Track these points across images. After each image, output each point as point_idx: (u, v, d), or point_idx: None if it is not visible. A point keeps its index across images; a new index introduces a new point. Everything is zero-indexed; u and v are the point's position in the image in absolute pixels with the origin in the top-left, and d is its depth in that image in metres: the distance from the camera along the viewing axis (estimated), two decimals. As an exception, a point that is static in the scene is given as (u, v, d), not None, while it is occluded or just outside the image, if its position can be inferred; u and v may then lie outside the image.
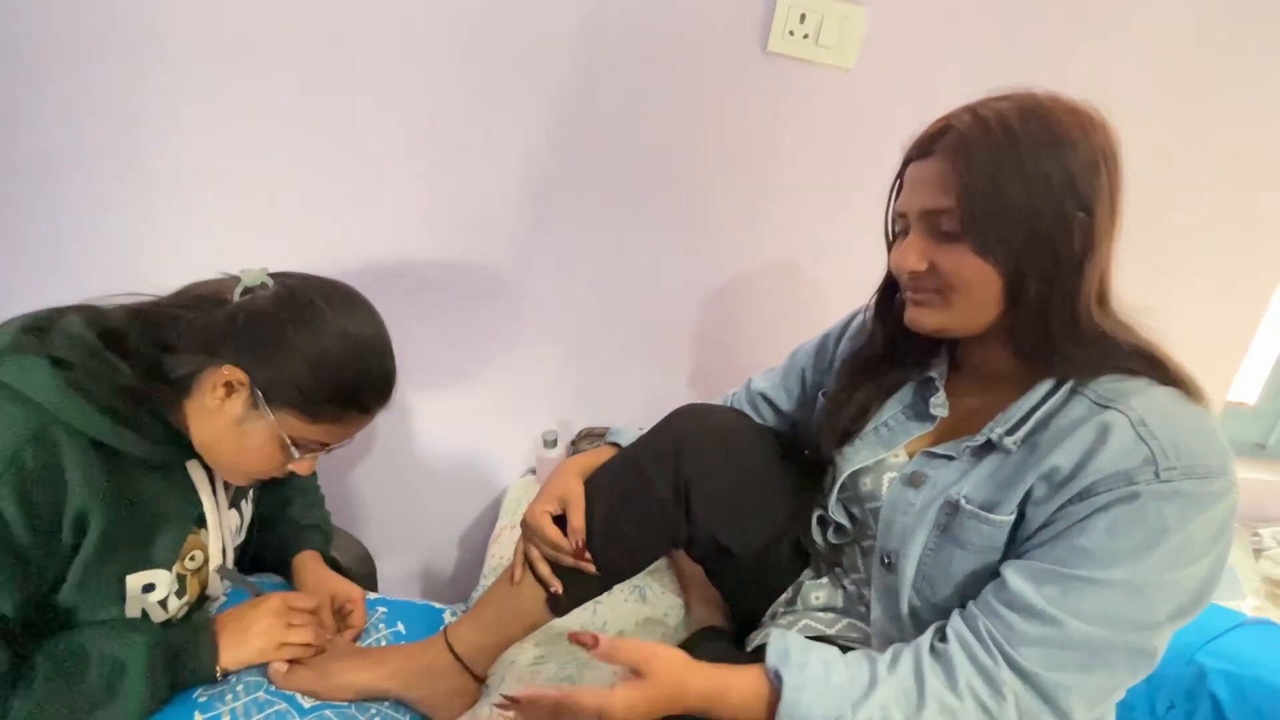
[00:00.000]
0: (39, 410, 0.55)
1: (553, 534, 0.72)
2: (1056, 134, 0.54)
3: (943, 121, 0.58)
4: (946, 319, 0.60)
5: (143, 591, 0.64)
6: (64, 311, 0.62)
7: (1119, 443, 0.53)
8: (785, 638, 0.59)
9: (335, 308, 0.64)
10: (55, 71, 0.96)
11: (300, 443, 0.65)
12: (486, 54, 0.98)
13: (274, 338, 0.61)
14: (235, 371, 0.60)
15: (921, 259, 0.58)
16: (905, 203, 0.61)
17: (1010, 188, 0.53)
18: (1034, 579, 0.54)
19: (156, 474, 0.64)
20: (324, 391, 0.63)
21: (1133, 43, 0.98)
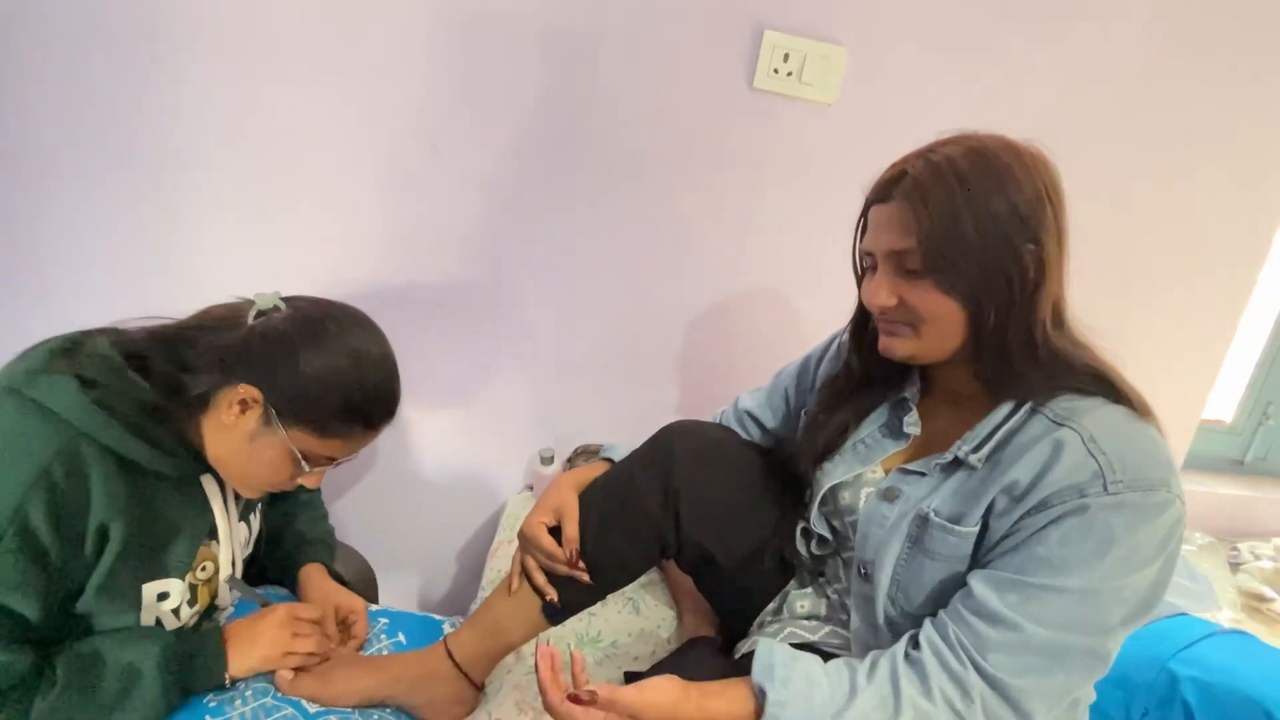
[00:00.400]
0: (67, 426, 0.59)
1: (548, 544, 0.75)
2: (1001, 174, 0.58)
3: (899, 167, 0.63)
4: (917, 348, 0.64)
5: (157, 600, 0.67)
6: (91, 334, 0.66)
7: (1071, 458, 0.57)
8: (771, 651, 0.62)
9: (344, 329, 0.68)
10: (61, 97, 1.01)
11: (310, 457, 0.68)
12: (487, 85, 1.04)
13: (286, 358, 0.65)
14: (250, 390, 0.64)
15: (891, 295, 0.63)
16: (871, 243, 0.65)
17: (964, 227, 0.58)
18: (997, 587, 0.58)
19: (173, 487, 0.67)
20: (334, 409, 0.66)
21: (1097, 76, 1.04)
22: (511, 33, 1.02)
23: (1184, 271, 1.18)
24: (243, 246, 1.10)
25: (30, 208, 1.07)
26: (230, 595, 0.78)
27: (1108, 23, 1.02)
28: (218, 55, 1.01)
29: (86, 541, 0.60)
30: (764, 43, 1.01)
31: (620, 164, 1.09)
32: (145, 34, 0.99)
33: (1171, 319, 1.20)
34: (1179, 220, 1.14)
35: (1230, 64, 1.05)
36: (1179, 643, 0.90)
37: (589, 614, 0.98)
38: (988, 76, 1.04)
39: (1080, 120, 1.07)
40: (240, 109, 1.03)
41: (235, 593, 0.79)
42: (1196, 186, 1.12)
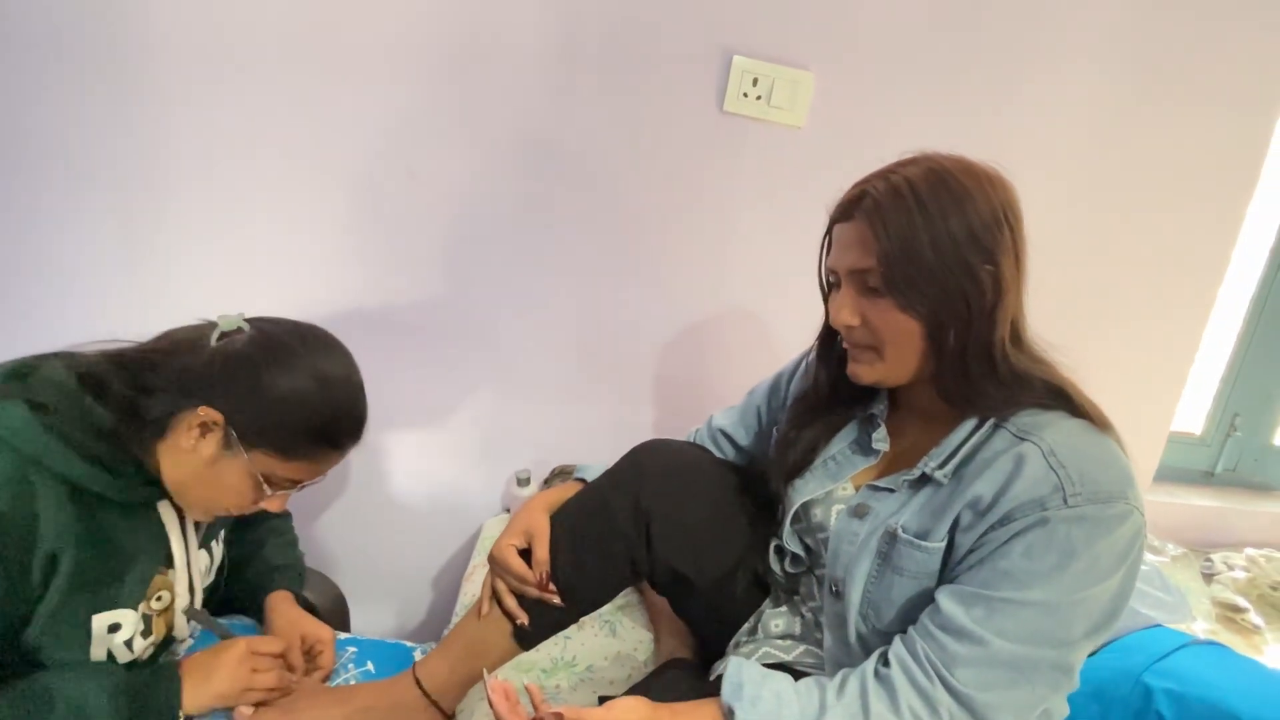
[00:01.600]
0: (16, 453, 0.57)
1: (518, 567, 0.74)
2: (959, 195, 0.59)
3: (860, 188, 0.64)
4: (884, 372, 0.65)
5: (108, 631, 0.65)
6: (45, 358, 0.64)
7: (1031, 472, 0.57)
8: (741, 670, 0.61)
9: (309, 349, 0.67)
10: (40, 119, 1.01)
11: (273, 480, 0.67)
12: (464, 109, 1.05)
13: (249, 379, 0.63)
14: (210, 412, 0.63)
15: (854, 314, 0.64)
16: (835, 261, 0.67)
17: (921, 248, 0.59)
18: (963, 602, 0.58)
19: (126, 514, 0.66)
20: (298, 430, 0.65)
21: (1060, 94, 1.08)
22: (485, 57, 1.03)
23: (1147, 286, 1.21)
24: (213, 268, 1.09)
25: None
26: (189, 626, 0.76)
27: (1073, 39, 1.05)
28: (189, 77, 1.01)
29: (33, 571, 0.58)
30: (733, 67, 1.04)
31: (593, 186, 1.10)
32: (114, 55, 0.99)
33: (1137, 332, 1.23)
34: (1141, 235, 1.17)
35: (1187, 82, 1.09)
36: (1153, 655, 0.91)
37: (564, 638, 0.96)
38: (952, 98, 1.07)
39: (1043, 140, 1.10)
40: (210, 129, 1.03)
41: (194, 624, 0.76)
42: (1158, 200, 1.15)
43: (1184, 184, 1.15)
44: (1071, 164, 1.12)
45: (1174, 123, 1.11)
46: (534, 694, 0.60)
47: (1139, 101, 1.09)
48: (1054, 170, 1.11)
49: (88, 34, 0.97)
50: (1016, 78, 1.07)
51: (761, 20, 1.03)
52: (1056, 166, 1.11)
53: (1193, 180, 1.14)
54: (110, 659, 0.66)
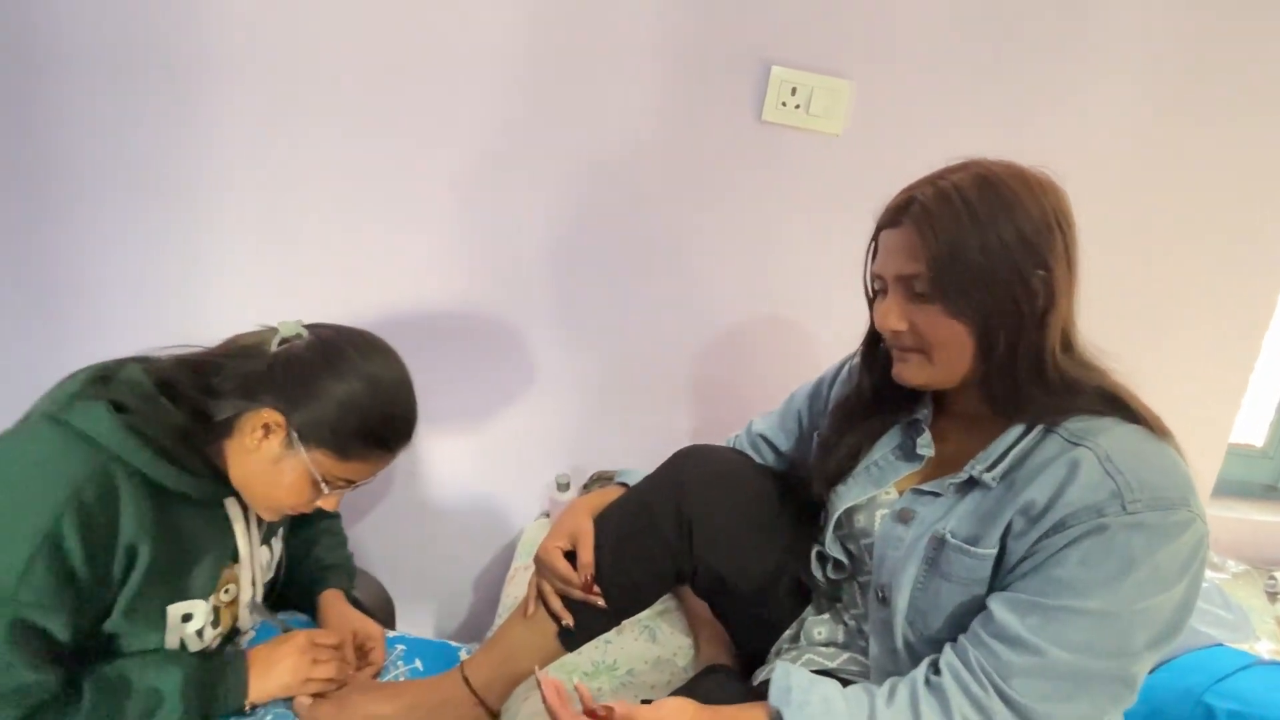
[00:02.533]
0: (100, 450, 0.61)
1: (563, 568, 0.75)
2: (1009, 200, 0.59)
3: (907, 193, 0.64)
4: (931, 374, 0.64)
5: (182, 621, 0.69)
6: (124, 362, 0.69)
7: (1087, 477, 0.56)
8: (789, 675, 0.61)
9: (364, 355, 0.70)
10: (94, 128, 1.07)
11: (329, 480, 0.70)
12: (508, 128, 1.08)
13: (308, 383, 0.67)
14: (273, 414, 0.66)
15: (901, 319, 0.63)
16: (881, 267, 0.66)
17: (970, 253, 0.58)
18: (1018, 610, 0.57)
19: (197, 510, 0.70)
20: (353, 432, 0.68)
21: (1105, 96, 1.05)
22: (520, 73, 1.06)
23: (1205, 294, 1.17)
24: (267, 276, 1.15)
25: (65, 237, 1.12)
26: (251, 619, 0.79)
27: (1115, 45, 1.03)
28: (245, 87, 1.06)
29: (115, 562, 0.62)
30: (771, 77, 1.05)
31: (632, 195, 1.12)
32: (169, 63, 1.05)
33: (1193, 340, 1.19)
34: (1195, 240, 1.14)
35: (1243, 80, 1.05)
36: (1215, 674, 0.87)
37: (605, 641, 0.97)
38: (993, 103, 1.06)
39: (1088, 144, 1.08)
40: (262, 140, 1.08)
41: (256, 616, 0.80)
42: (1212, 202, 1.12)
43: (1239, 185, 1.11)
44: (1119, 168, 1.09)
45: (1225, 121, 1.07)
46: (583, 694, 0.61)
47: (1188, 100, 1.06)
48: (1101, 175, 1.09)
49: (148, 40, 1.03)
50: (1059, 82, 1.05)
51: (800, 30, 1.03)
52: (1103, 171, 1.09)
53: (1249, 181, 1.10)
54: (183, 647, 0.69)
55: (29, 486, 0.59)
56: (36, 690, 0.58)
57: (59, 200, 1.11)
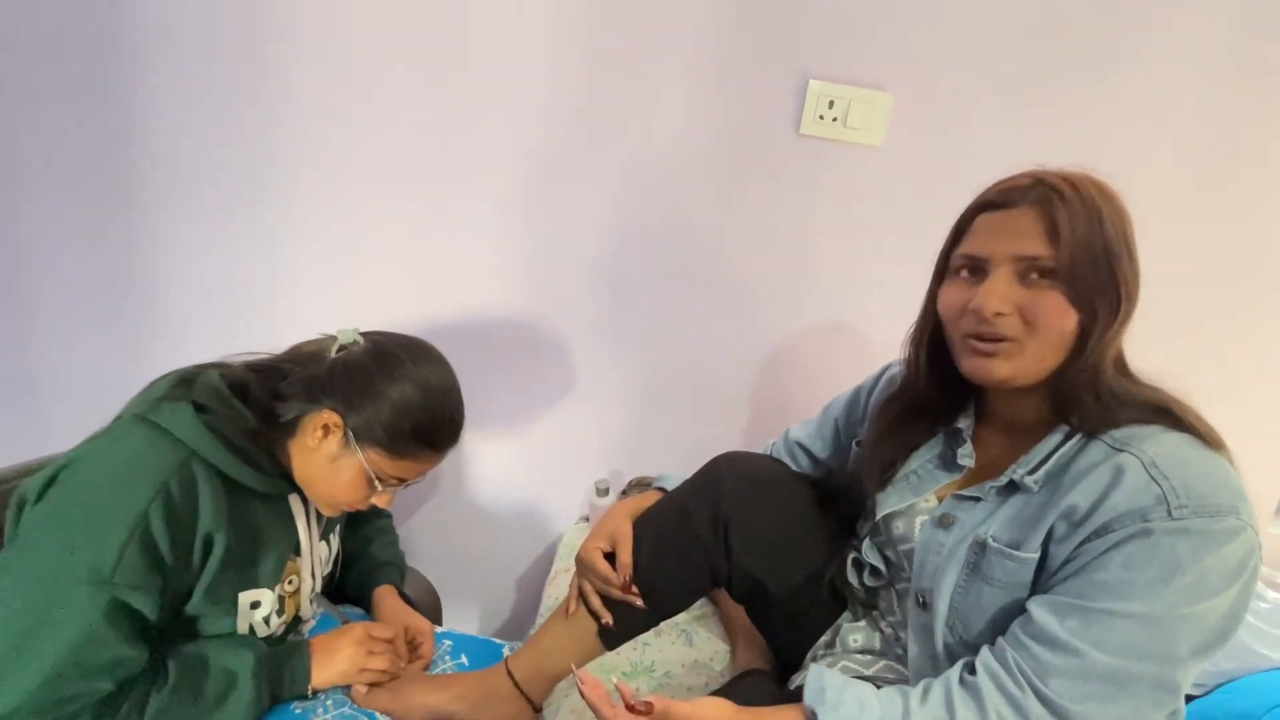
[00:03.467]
0: (183, 447, 0.66)
1: (603, 568, 0.78)
2: (1119, 207, 0.61)
3: (1027, 177, 0.63)
4: (1019, 367, 0.61)
5: (250, 608, 0.74)
6: (205, 367, 0.75)
7: (1132, 483, 0.56)
8: (822, 676, 0.62)
9: (416, 361, 0.74)
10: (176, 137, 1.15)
11: (383, 478, 0.74)
12: (554, 145, 1.13)
13: (364, 386, 0.71)
14: (332, 416, 0.71)
15: (1005, 301, 0.60)
16: (987, 247, 0.62)
17: (1097, 244, 0.59)
18: (1056, 612, 0.57)
19: (265, 504, 0.74)
20: (405, 433, 0.72)
21: (1155, 101, 1.03)
22: (564, 92, 1.10)
23: (1267, 300, 1.12)
24: (334, 286, 1.22)
25: (151, 244, 1.21)
26: (312, 609, 0.84)
27: (1162, 52, 1.01)
28: (318, 119, 1.14)
29: (195, 549, 0.67)
30: (809, 92, 1.06)
31: (671, 209, 1.14)
32: (255, 90, 1.13)
33: (1255, 349, 1.14)
34: (1257, 247, 1.10)
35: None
36: (1275, 698, 0.84)
37: (643, 643, 0.99)
38: (1036, 110, 1.05)
39: (1138, 151, 1.06)
40: (331, 164, 1.16)
41: (317, 607, 0.85)
42: (1271, 210, 1.08)
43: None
44: (1171, 177, 1.06)
45: (1278, 124, 1.03)
46: (624, 691, 0.63)
47: (1238, 106, 1.02)
48: (1151, 184, 1.06)
49: (229, 50, 1.11)
50: (1105, 88, 1.03)
51: (838, 44, 1.05)
52: (1153, 180, 1.06)
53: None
54: (251, 633, 0.74)
55: (123, 480, 0.64)
56: (129, 664, 0.63)
57: (145, 205, 1.19)
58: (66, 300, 1.25)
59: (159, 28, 1.10)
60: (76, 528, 0.61)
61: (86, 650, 0.60)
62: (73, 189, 1.18)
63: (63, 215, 1.20)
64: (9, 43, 1.12)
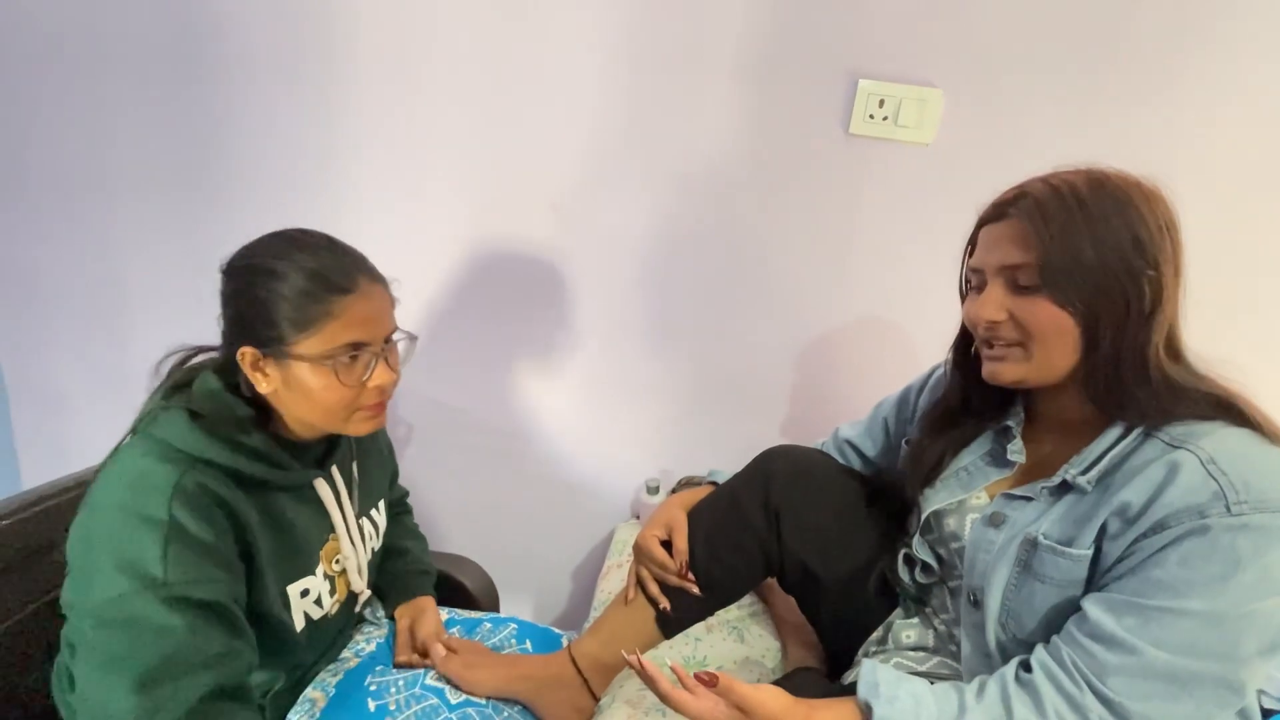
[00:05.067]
0: (183, 455, 0.64)
1: (660, 555, 0.81)
2: (1121, 201, 0.60)
3: (1017, 189, 0.64)
4: (1026, 370, 0.64)
5: (301, 596, 0.74)
6: (201, 368, 0.72)
7: (1188, 479, 0.55)
8: (876, 670, 0.63)
9: (261, 250, 0.69)
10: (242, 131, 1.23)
11: (334, 356, 0.67)
12: (604, 144, 1.16)
13: (239, 306, 0.68)
14: (247, 350, 0.67)
15: (999, 309, 0.63)
16: (981, 260, 0.66)
17: (1083, 246, 0.59)
18: (1113, 610, 0.56)
19: (291, 495, 0.73)
20: (296, 307, 0.66)
21: (1220, 95, 1.00)
22: (613, 95, 1.13)
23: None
24: (404, 295, 1.27)
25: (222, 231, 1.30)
26: (363, 581, 0.83)
27: (1228, 50, 0.98)
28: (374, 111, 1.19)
29: (235, 525, 0.65)
30: (859, 91, 1.07)
31: (723, 208, 1.16)
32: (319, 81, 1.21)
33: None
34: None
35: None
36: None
37: (695, 639, 1.01)
38: (1092, 103, 1.02)
39: (1201, 145, 1.02)
40: (392, 179, 1.22)
41: (369, 576, 0.84)
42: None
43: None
44: (1224, 176, 1.02)
45: None
46: (680, 673, 0.65)
47: None
48: (1213, 181, 1.02)
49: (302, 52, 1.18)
50: (1164, 83, 1.00)
51: (887, 42, 1.05)
52: (1217, 176, 1.02)
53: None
54: (307, 619, 0.74)
55: (137, 499, 0.61)
56: (227, 658, 0.62)
57: (226, 204, 1.27)
58: (159, 296, 1.34)
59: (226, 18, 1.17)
60: (104, 550, 0.60)
61: (170, 652, 0.59)
62: (160, 192, 1.28)
63: (151, 217, 1.29)
64: (109, 56, 1.22)
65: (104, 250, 1.33)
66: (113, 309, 1.37)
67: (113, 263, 1.33)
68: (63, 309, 1.38)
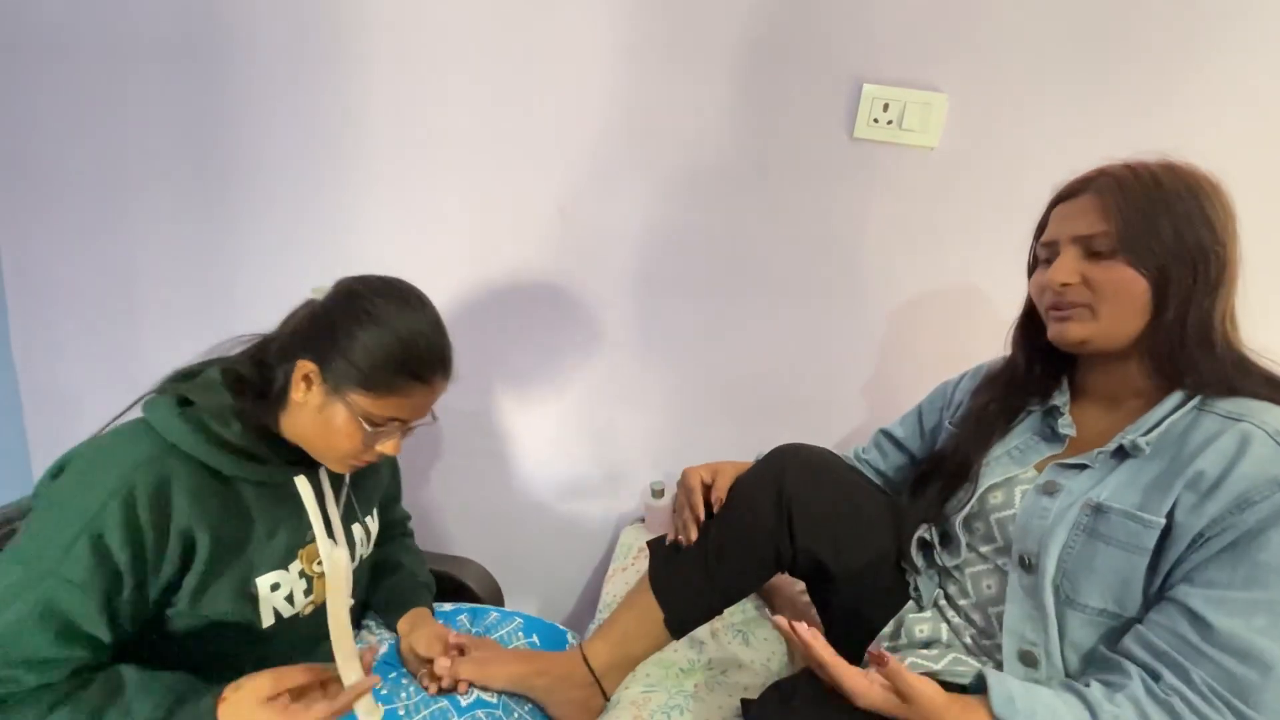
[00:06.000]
0: (158, 439, 0.65)
1: (696, 486, 0.86)
2: (1192, 185, 0.64)
3: (1094, 170, 0.69)
4: (1093, 330, 0.66)
5: (271, 591, 0.72)
6: (210, 363, 0.74)
7: (1260, 451, 0.56)
8: (1005, 682, 0.59)
9: (384, 297, 0.72)
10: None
11: (372, 420, 0.71)
12: (607, 149, 1.16)
13: (333, 329, 0.70)
14: (306, 364, 0.70)
15: (1073, 273, 0.66)
16: (1056, 232, 0.70)
17: (1158, 216, 0.63)
18: (1235, 613, 0.54)
19: (265, 491, 0.72)
20: (378, 367, 0.69)
21: (1229, 92, 1.00)
22: (614, 96, 1.14)
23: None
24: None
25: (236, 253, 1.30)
26: (348, 586, 0.79)
27: (1234, 53, 0.99)
28: (389, 142, 1.21)
29: (168, 548, 0.64)
30: (863, 96, 1.07)
31: (727, 213, 1.17)
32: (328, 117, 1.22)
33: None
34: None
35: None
36: None
37: (700, 642, 1.01)
38: (1098, 101, 1.03)
39: (1205, 157, 1.01)
40: (395, 179, 1.22)
41: (359, 580, 0.83)
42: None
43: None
44: (1243, 177, 1.01)
45: None
46: (817, 638, 0.64)
47: None
48: (1226, 176, 1.02)
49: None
50: (1169, 86, 1.01)
51: (891, 46, 1.06)
52: (1223, 179, 1.02)
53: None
54: (276, 616, 0.73)
55: (90, 472, 0.63)
56: (52, 666, 0.60)
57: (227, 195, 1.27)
58: (170, 298, 1.35)
59: (245, 45, 1.19)
60: (48, 519, 0.62)
61: (10, 642, 0.58)
62: (172, 195, 1.28)
63: (163, 219, 1.30)
64: (119, 57, 1.23)
65: (115, 252, 1.33)
66: (124, 311, 1.37)
67: (124, 265, 1.34)
68: (75, 312, 1.39)
